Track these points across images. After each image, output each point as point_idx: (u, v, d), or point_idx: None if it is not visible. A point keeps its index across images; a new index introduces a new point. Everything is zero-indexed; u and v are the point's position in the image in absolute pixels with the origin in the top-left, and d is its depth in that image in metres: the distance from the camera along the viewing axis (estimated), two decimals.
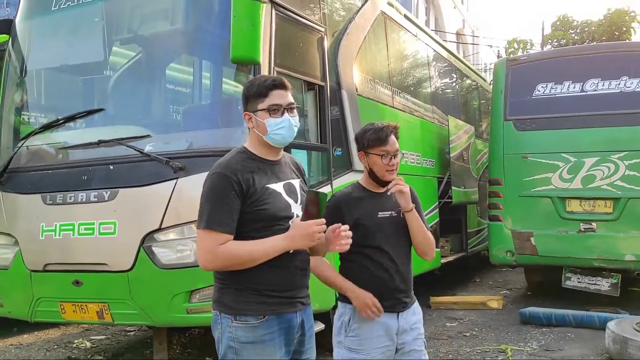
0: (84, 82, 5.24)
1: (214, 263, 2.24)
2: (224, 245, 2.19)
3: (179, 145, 4.28)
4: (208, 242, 2.20)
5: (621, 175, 6.68)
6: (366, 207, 2.73)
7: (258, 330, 2.26)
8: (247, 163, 2.29)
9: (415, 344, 2.78)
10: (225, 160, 2.29)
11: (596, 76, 7.04)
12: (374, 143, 2.70)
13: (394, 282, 2.72)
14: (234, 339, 2.26)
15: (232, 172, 2.23)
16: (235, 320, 2.26)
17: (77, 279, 4.28)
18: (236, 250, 2.21)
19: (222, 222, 2.20)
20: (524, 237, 7.10)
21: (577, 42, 17.53)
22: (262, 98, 2.30)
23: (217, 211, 2.20)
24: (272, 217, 2.28)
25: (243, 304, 2.27)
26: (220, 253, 2.20)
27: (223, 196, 2.21)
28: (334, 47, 5.38)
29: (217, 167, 2.27)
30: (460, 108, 9.87)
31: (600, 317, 6.15)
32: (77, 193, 4.28)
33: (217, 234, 2.19)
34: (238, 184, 2.22)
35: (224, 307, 2.29)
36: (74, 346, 6.03)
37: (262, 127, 2.30)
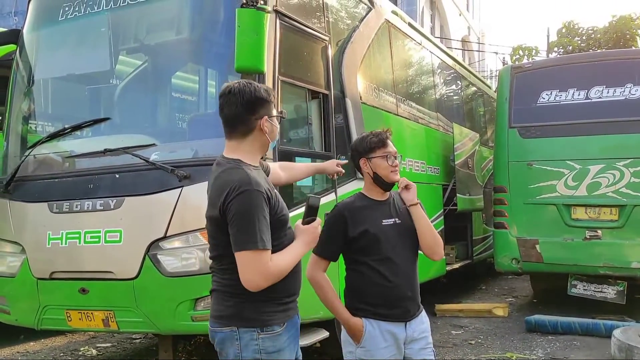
0: (90, 91, 5.29)
1: (271, 281, 2.22)
2: (273, 262, 2.21)
3: (184, 154, 4.31)
4: (263, 261, 2.17)
5: (626, 183, 6.67)
6: (370, 216, 2.75)
7: (282, 337, 2.31)
8: (258, 173, 2.30)
9: (424, 354, 2.77)
10: (251, 177, 2.22)
11: (601, 83, 7.04)
12: (376, 145, 2.76)
13: (400, 290, 2.72)
14: (260, 351, 2.26)
15: (261, 187, 2.21)
16: (262, 332, 2.26)
17: (83, 287, 4.30)
18: (282, 264, 2.24)
19: (269, 239, 2.20)
20: (529, 244, 7.08)
21: (582, 48, 17.50)
22: (272, 104, 2.37)
23: (263, 230, 2.17)
24: (287, 220, 2.37)
25: (268, 314, 2.28)
26: (273, 270, 2.21)
27: (262, 213, 2.18)
28: (338, 56, 5.41)
29: (246, 185, 2.18)
30: (465, 115, 9.88)
31: (607, 325, 6.13)
32: (83, 201, 4.31)
33: (267, 253, 2.19)
34: (267, 198, 2.23)
35: (244, 321, 2.27)
36: (80, 354, 6.06)
37: (275, 132, 2.42)
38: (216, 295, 2.35)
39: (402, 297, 2.73)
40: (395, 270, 2.71)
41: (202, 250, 3.95)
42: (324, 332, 4.82)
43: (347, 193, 5.15)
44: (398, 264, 2.73)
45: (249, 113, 2.30)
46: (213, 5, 4.66)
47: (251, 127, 2.32)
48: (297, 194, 4.60)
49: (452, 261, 8.10)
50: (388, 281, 2.70)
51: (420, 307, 2.83)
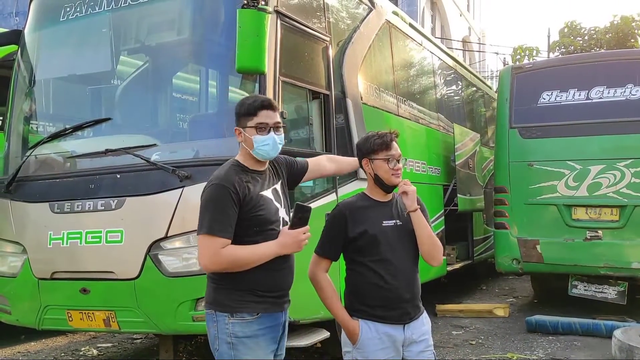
0: (91, 92, 5.30)
1: (217, 265, 2.44)
2: (225, 249, 2.41)
3: (185, 154, 4.32)
4: (210, 246, 2.41)
5: (627, 183, 6.67)
6: (370, 216, 2.74)
7: (253, 326, 2.49)
8: (240, 174, 2.51)
9: (424, 356, 2.75)
10: (222, 173, 2.51)
11: (601, 84, 7.04)
12: (379, 147, 2.74)
13: (398, 292, 2.70)
14: (230, 335, 2.47)
15: (229, 183, 2.44)
16: (232, 317, 2.47)
17: (84, 287, 4.30)
18: (237, 253, 2.43)
19: (223, 228, 2.41)
20: (530, 244, 7.09)
21: (584, 48, 17.49)
22: (250, 117, 2.54)
23: (217, 219, 2.41)
24: (266, 221, 2.53)
25: (239, 302, 2.48)
26: (223, 255, 2.41)
27: (222, 205, 2.42)
28: (339, 56, 5.41)
29: (214, 179, 2.49)
30: (465, 116, 9.88)
31: (607, 326, 6.13)
32: (85, 202, 4.32)
33: (218, 239, 2.40)
34: (235, 193, 2.43)
35: (220, 306, 2.50)
36: (80, 354, 6.06)
37: (250, 142, 2.55)
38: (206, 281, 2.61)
39: (400, 299, 2.71)
40: (394, 272, 2.69)
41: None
42: (324, 332, 4.82)
43: (348, 193, 5.16)
44: (397, 265, 2.71)
45: (236, 124, 2.62)
46: (214, 6, 4.66)
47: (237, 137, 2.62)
48: (298, 194, 4.60)
49: (453, 261, 8.10)
50: (386, 283, 2.68)
51: (420, 310, 2.81)
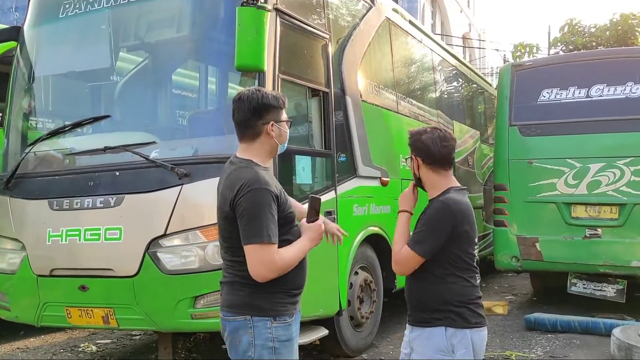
0: (90, 89, 5.29)
1: (276, 272, 2.38)
2: (279, 255, 2.38)
3: (185, 152, 4.31)
4: (269, 254, 2.34)
5: (627, 181, 6.66)
6: None
7: (292, 328, 2.49)
8: (266, 174, 2.45)
9: None
10: (259, 176, 2.39)
11: (601, 82, 7.03)
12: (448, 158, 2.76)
13: (406, 292, 2.78)
14: (273, 339, 2.41)
15: (269, 185, 2.39)
16: (275, 321, 2.42)
17: (83, 284, 4.31)
18: (288, 257, 2.41)
19: (275, 234, 2.36)
20: (529, 242, 7.09)
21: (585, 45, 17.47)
22: (282, 110, 2.52)
23: (270, 225, 2.34)
24: (294, 218, 2.55)
25: (279, 305, 2.44)
26: (280, 263, 2.37)
27: (269, 209, 2.35)
28: (338, 54, 5.41)
29: (255, 183, 2.36)
30: (465, 113, 9.87)
31: (606, 324, 6.13)
32: (84, 199, 4.32)
33: (273, 246, 2.36)
34: (275, 196, 2.40)
35: (258, 310, 2.41)
36: (79, 350, 6.07)
37: (284, 136, 2.56)
38: (228, 286, 2.49)
39: (407, 299, 2.77)
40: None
41: (201, 248, 3.96)
42: (323, 330, 4.84)
43: (347, 191, 5.18)
44: None
45: (256, 118, 2.47)
46: (213, 3, 4.64)
47: (258, 132, 2.49)
48: (297, 192, 4.60)
49: None
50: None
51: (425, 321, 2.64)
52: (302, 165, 4.63)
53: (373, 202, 5.59)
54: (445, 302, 2.59)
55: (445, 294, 2.60)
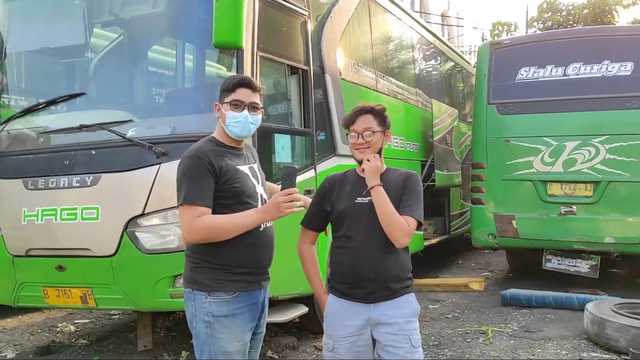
0: (65, 65, 5.18)
1: (194, 234, 2.43)
2: (201, 217, 2.40)
3: (162, 130, 4.25)
4: (187, 215, 2.42)
5: (602, 159, 6.77)
6: (346, 191, 2.68)
7: (230, 305, 2.49)
8: (216, 148, 2.54)
9: (393, 340, 2.62)
10: (197, 146, 2.53)
11: (578, 60, 7.09)
12: (348, 123, 2.69)
13: (362, 271, 2.60)
14: (207, 314, 2.47)
15: (204, 155, 2.46)
16: (209, 296, 2.48)
17: (61, 264, 4.27)
18: (213, 221, 2.43)
19: (199, 196, 2.42)
20: (505, 220, 7.18)
21: (562, 24, 17.56)
22: (228, 93, 2.57)
23: (194, 188, 2.42)
24: (242, 193, 2.53)
25: (217, 281, 2.49)
26: (198, 224, 2.40)
27: (198, 175, 2.43)
28: (318, 31, 5.36)
29: (189, 152, 2.50)
30: (444, 91, 9.90)
31: (580, 299, 6.27)
32: (59, 178, 4.26)
33: (195, 208, 2.41)
34: (210, 164, 2.44)
35: (197, 285, 2.50)
36: (57, 330, 6.03)
37: (224, 117, 2.57)
38: (185, 258, 2.61)
39: (363, 279, 2.61)
40: (357, 250, 2.62)
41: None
42: (303, 307, 4.86)
43: (327, 170, 5.17)
44: (361, 243, 2.62)
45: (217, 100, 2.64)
46: None
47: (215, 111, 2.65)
48: (277, 170, 4.58)
49: (430, 236, 8.20)
50: (349, 260, 2.63)
51: (396, 292, 2.65)
52: (281, 143, 4.61)
53: None
54: (408, 270, 2.75)
55: (408, 262, 2.76)
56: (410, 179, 2.70)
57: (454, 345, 5.20)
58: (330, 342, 2.67)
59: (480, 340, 5.33)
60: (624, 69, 6.88)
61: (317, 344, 5.25)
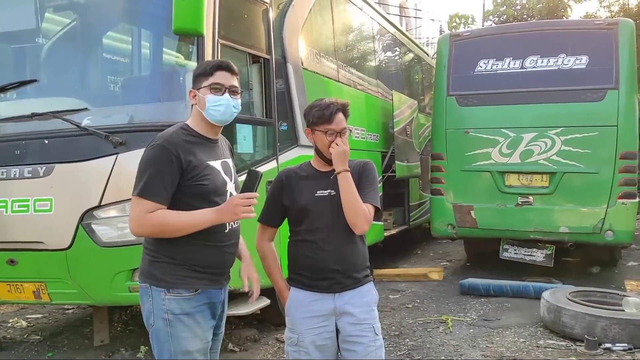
0: (15, 51, 4.95)
1: (142, 228, 2.30)
2: (153, 212, 2.26)
3: (119, 119, 4.13)
4: (139, 208, 2.27)
5: (557, 151, 6.91)
6: (305, 186, 2.67)
7: (191, 302, 2.36)
8: (188, 139, 2.37)
9: (357, 330, 2.64)
10: (167, 134, 2.35)
11: (535, 53, 7.20)
12: (318, 120, 2.62)
13: (327, 262, 2.62)
14: (167, 311, 2.34)
15: (173, 146, 2.29)
16: (168, 292, 2.34)
17: (12, 258, 4.12)
18: (164, 218, 2.28)
19: (156, 192, 2.26)
20: (464, 210, 7.27)
21: (517, 17, 17.89)
22: (206, 77, 2.42)
23: (153, 181, 2.26)
24: (210, 191, 2.38)
25: (176, 277, 2.35)
26: (148, 220, 2.26)
27: (161, 167, 2.27)
28: (280, 20, 5.28)
29: (157, 139, 2.33)
30: (403, 82, 9.94)
31: (536, 287, 6.40)
32: (10, 169, 4.09)
33: (148, 202, 2.26)
34: (177, 157, 2.28)
35: (155, 280, 2.36)
36: (9, 326, 5.82)
37: (203, 102, 2.40)
38: (142, 251, 2.46)
39: (328, 270, 2.63)
40: (322, 243, 2.62)
41: None
42: (265, 299, 4.80)
43: (289, 161, 5.12)
44: (326, 236, 2.63)
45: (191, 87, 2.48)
46: None
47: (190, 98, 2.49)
48: (238, 161, 4.50)
49: (390, 227, 8.24)
50: (313, 252, 2.63)
51: (359, 281, 2.70)
52: (243, 134, 4.53)
53: None
54: (367, 259, 2.78)
55: (367, 251, 2.79)
56: (366, 167, 2.74)
57: (415, 335, 5.23)
58: (294, 335, 2.65)
59: (441, 329, 5.39)
60: (579, 62, 7.02)
61: (278, 336, 5.21)
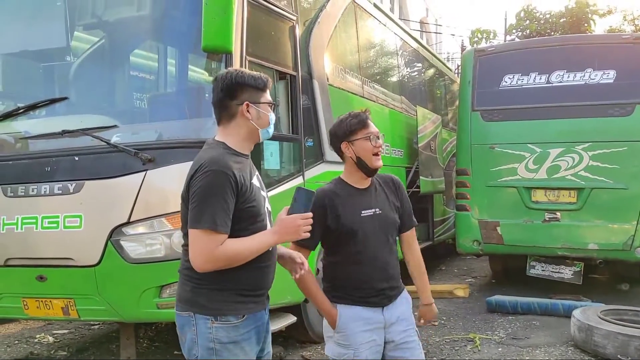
0: (45, 69, 5.03)
1: (215, 263, 2.16)
2: (224, 245, 2.15)
3: (148, 136, 4.16)
4: (209, 243, 2.12)
5: (585, 166, 6.80)
6: (349, 206, 2.67)
7: (239, 330, 2.24)
8: (234, 159, 2.23)
9: (406, 336, 2.75)
10: (219, 158, 2.19)
11: (561, 68, 7.13)
12: (357, 127, 2.65)
13: (376, 281, 2.69)
14: (214, 340, 2.21)
15: (229, 169, 2.16)
16: (216, 320, 2.21)
17: (41, 274, 4.13)
18: (234, 250, 2.16)
19: (224, 222, 2.14)
20: (490, 226, 7.18)
21: (540, 32, 17.78)
22: (263, 92, 2.31)
23: (219, 211, 2.12)
24: (257, 213, 2.28)
25: (223, 303, 2.23)
26: (222, 253, 2.14)
27: (222, 195, 2.13)
28: (306, 36, 5.30)
29: (211, 165, 2.16)
30: (427, 97, 9.91)
31: (565, 305, 6.28)
32: (40, 185, 4.11)
33: (218, 235, 2.13)
34: (235, 182, 2.16)
35: (200, 308, 2.23)
36: (35, 341, 5.86)
37: (265, 119, 2.31)
38: (180, 277, 2.33)
39: (378, 288, 2.70)
40: (369, 263, 2.68)
41: (167, 236, 3.84)
42: (291, 317, 4.79)
43: (315, 177, 5.12)
44: (373, 255, 2.68)
45: (229, 99, 2.28)
46: None
47: (233, 113, 2.29)
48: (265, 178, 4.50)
49: None
50: (364, 271, 2.67)
51: (400, 289, 2.81)
52: (270, 150, 4.53)
53: None
54: None
55: None
56: (401, 186, 2.87)
57: (442, 354, 5.16)
58: (349, 351, 2.67)
59: (468, 347, 5.31)
60: (606, 77, 6.94)
61: (304, 353, 5.17)
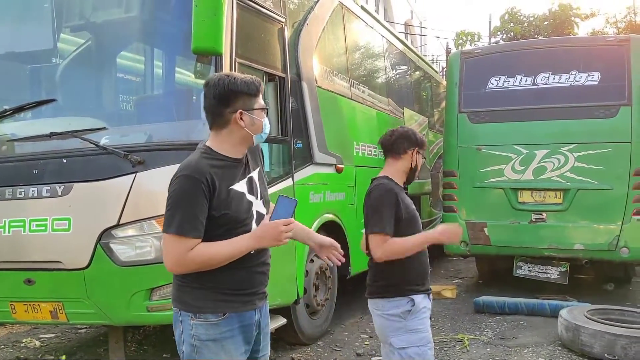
0: (32, 71, 4.98)
1: (185, 267, 2.21)
2: (194, 249, 2.17)
3: (137, 138, 4.13)
4: (178, 248, 2.16)
5: (571, 167, 6.88)
6: (407, 199, 3.13)
7: (219, 328, 2.27)
8: (212, 163, 2.23)
9: None
10: (193, 162, 2.21)
11: (547, 70, 7.21)
12: (424, 144, 3.21)
13: (427, 267, 3.17)
14: (194, 337, 2.26)
15: (201, 174, 2.16)
16: (195, 317, 2.25)
17: (29, 278, 4.08)
18: (205, 254, 2.18)
19: (194, 227, 2.15)
20: (477, 227, 7.23)
21: (524, 34, 17.95)
22: (255, 97, 2.29)
23: (188, 216, 2.14)
24: (235, 220, 2.26)
25: (202, 301, 2.26)
26: (191, 259, 2.17)
27: (193, 200, 2.15)
28: (294, 38, 5.30)
29: (185, 169, 2.19)
30: (413, 99, 9.95)
31: (551, 305, 6.35)
32: (28, 188, 4.07)
33: (188, 240, 2.16)
34: (207, 186, 2.16)
35: (183, 305, 2.29)
36: (22, 345, 5.79)
37: (259, 125, 2.30)
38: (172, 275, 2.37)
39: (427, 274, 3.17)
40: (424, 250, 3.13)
41: (157, 239, 3.81)
42: (281, 319, 4.79)
43: (304, 179, 5.12)
44: None
45: (222, 106, 2.26)
46: None
47: (226, 120, 2.27)
48: None
49: None
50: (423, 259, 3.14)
51: None
52: None
53: (328, 189, 5.55)
54: None
55: None
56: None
57: None
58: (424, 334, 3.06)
59: (457, 348, 5.34)
60: (591, 79, 7.02)
61: (294, 355, 5.17)
